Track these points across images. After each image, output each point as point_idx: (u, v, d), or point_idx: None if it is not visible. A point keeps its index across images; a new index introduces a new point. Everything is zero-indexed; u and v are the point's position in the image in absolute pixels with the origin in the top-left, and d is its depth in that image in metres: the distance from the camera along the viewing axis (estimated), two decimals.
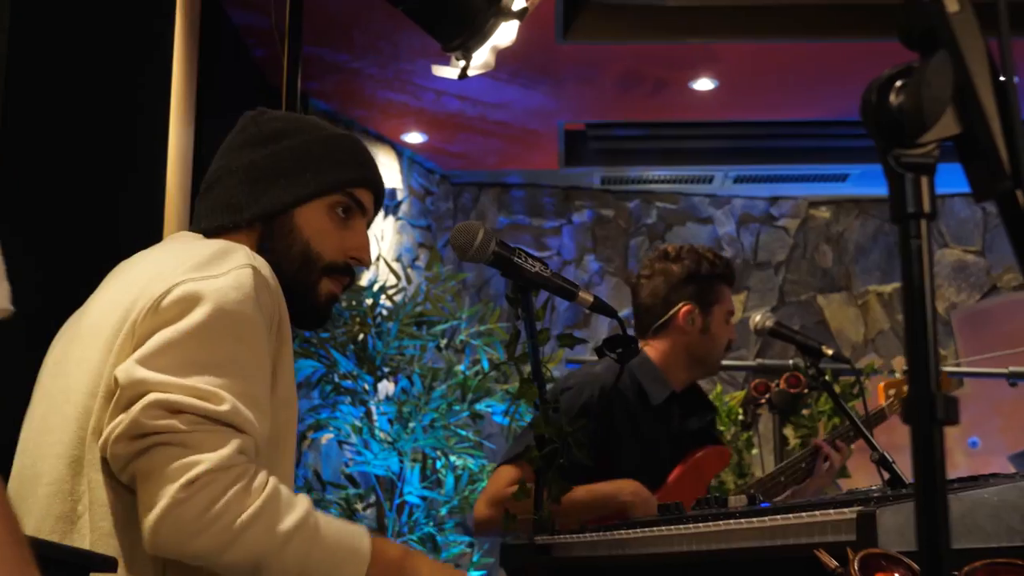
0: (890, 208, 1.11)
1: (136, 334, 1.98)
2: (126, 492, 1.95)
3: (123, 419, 1.89)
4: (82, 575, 1.78)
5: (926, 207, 1.09)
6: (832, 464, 4.06)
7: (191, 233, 2.31)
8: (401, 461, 6.02)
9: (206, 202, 2.34)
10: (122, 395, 1.91)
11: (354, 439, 6.11)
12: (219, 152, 2.39)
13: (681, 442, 3.98)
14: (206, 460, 1.86)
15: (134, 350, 1.96)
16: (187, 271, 2.01)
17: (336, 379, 6.01)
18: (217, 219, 2.30)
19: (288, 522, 1.93)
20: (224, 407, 1.89)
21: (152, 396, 1.87)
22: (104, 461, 1.96)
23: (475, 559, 6.49)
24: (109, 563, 1.82)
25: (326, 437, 6.58)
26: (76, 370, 2.06)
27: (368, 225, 2.42)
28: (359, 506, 6.15)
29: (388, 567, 2.08)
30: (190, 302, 1.96)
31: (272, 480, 1.95)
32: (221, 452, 1.88)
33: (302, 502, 1.99)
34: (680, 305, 3.90)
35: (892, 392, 4.47)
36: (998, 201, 1.10)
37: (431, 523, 6.06)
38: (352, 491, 6.15)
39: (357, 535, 2.06)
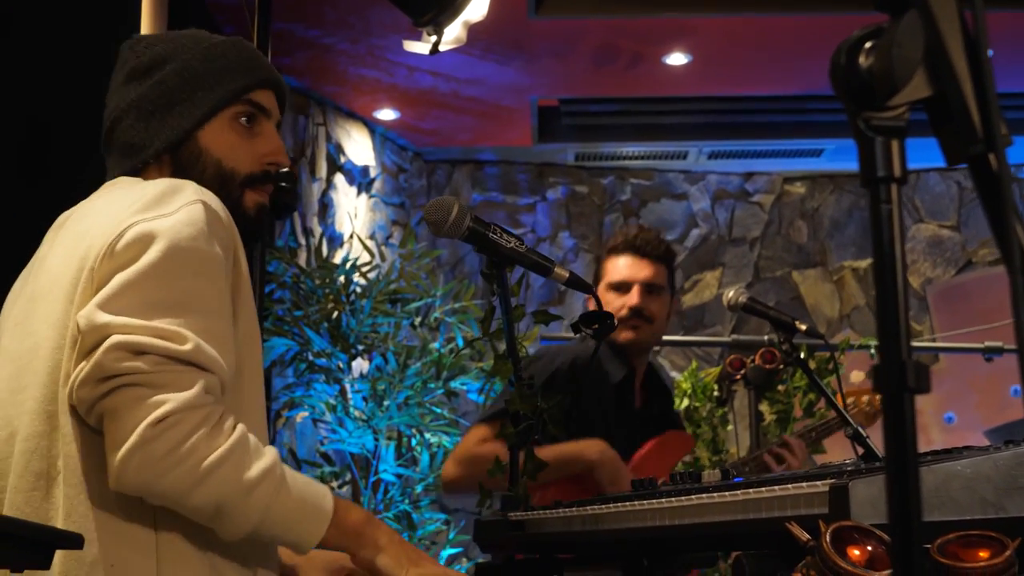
0: (860, 172, 1.09)
1: (95, 280, 1.97)
2: (101, 439, 1.93)
3: (86, 363, 1.88)
4: (48, 552, 1.76)
5: (896, 171, 1.07)
6: (789, 465, 4.09)
7: (128, 178, 2.24)
8: (376, 439, 6.01)
9: (112, 150, 2.28)
10: (84, 340, 1.90)
11: (329, 417, 6.10)
12: (108, 94, 2.32)
13: (641, 424, 4.00)
14: (173, 399, 1.85)
15: (94, 296, 1.94)
16: (138, 211, 1.99)
17: (310, 357, 6.00)
18: (126, 163, 2.24)
19: (255, 470, 1.92)
20: (187, 346, 1.88)
21: (114, 339, 1.86)
22: (76, 411, 1.94)
23: (451, 536, 6.48)
24: (75, 540, 1.80)
25: (301, 415, 6.56)
26: (43, 327, 2.04)
27: (277, 125, 2.36)
28: (334, 484, 6.13)
29: (347, 530, 2.08)
30: (144, 242, 1.94)
31: (240, 426, 1.94)
32: (188, 392, 1.87)
33: (270, 452, 1.98)
34: None
35: (851, 400, 4.49)
36: (970, 165, 1.08)
37: (407, 501, 6.05)
38: (327, 469, 6.14)
39: (321, 494, 2.05)
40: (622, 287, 4.01)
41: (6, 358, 2.12)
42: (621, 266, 4.03)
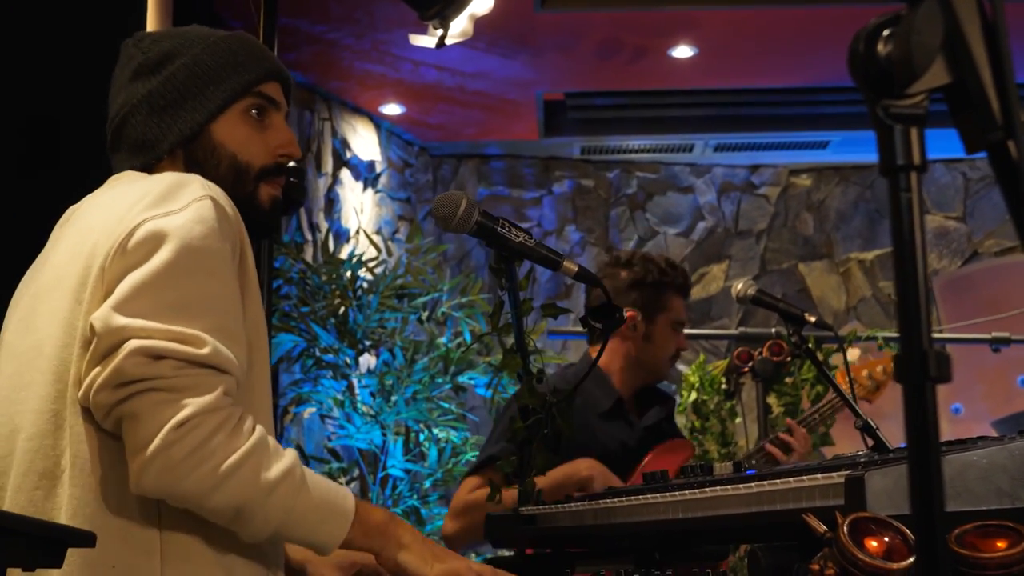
0: (879, 161, 1.09)
1: (105, 279, 1.95)
2: (111, 440, 1.93)
3: (104, 368, 1.87)
4: (60, 551, 1.75)
5: (916, 159, 1.06)
6: (795, 451, 4.08)
7: (135, 172, 2.23)
8: (384, 434, 6.01)
9: (121, 147, 2.26)
10: (100, 343, 1.89)
11: (336, 413, 6.10)
12: (112, 92, 2.30)
13: (641, 440, 3.99)
14: (194, 403, 1.85)
15: (105, 296, 1.93)
16: (146, 208, 1.98)
17: (317, 353, 6.00)
18: (137, 160, 2.23)
19: (275, 471, 1.92)
20: (206, 350, 1.88)
21: (133, 343, 1.85)
22: (86, 411, 1.94)
23: None
24: (87, 538, 1.79)
25: (308, 411, 6.56)
26: (46, 324, 2.03)
27: (285, 117, 2.36)
28: (342, 480, 6.13)
29: (370, 530, 2.08)
30: (156, 241, 1.93)
31: (259, 427, 1.94)
32: (208, 396, 1.86)
33: (290, 453, 1.98)
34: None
35: (864, 374, 4.49)
36: (989, 152, 1.07)
37: (415, 496, 6.05)
38: (335, 465, 6.13)
39: (342, 494, 2.05)
40: (680, 327, 4.04)
41: (9, 354, 2.11)
42: (683, 308, 4.08)
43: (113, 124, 2.27)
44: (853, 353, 4.80)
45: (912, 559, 1.48)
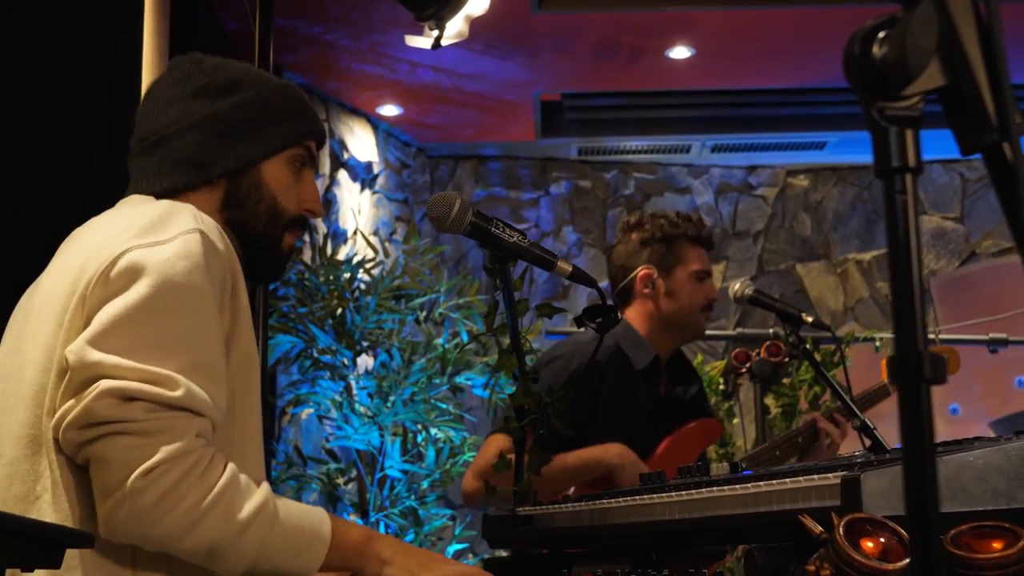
0: (874, 163, 1.09)
1: (86, 307, 1.95)
2: (87, 471, 1.92)
3: (75, 405, 1.87)
4: (58, 551, 1.75)
5: (911, 161, 1.07)
6: (833, 440, 4.07)
7: (142, 196, 2.21)
8: (382, 435, 6.01)
9: (160, 157, 2.23)
10: (73, 377, 1.89)
11: (334, 414, 6.10)
12: (159, 102, 2.27)
13: (669, 411, 3.97)
14: (163, 449, 1.84)
15: (85, 323, 1.93)
16: (132, 237, 1.97)
17: (315, 354, 5.99)
18: (180, 176, 2.22)
19: (246, 510, 1.92)
20: (178, 392, 1.87)
21: (105, 384, 1.84)
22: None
23: (457, 532, 6.48)
24: (86, 539, 1.79)
25: (306, 412, 6.56)
26: (30, 346, 2.03)
27: (315, 175, 2.40)
28: (340, 481, 6.14)
29: (348, 551, 2.07)
30: (136, 273, 1.92)
31: (230, 467, 1.93)
32: (178, 440, 1.86)
33: (262, 490, 1.97)
34: (637, 270, 3.92)
35: None
36: (985, 154, 1.07)
37: (413, 497, 6.05)
38: (333, 466, 6.13)
39: (317, 520, 2.04)
40: (704, 276, 4.01)
41: (1, 374, 2.11)
42: (703, 257, 4.02)
43: (157, 134, 2.24)
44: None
45: (907, 560, 1.48)
